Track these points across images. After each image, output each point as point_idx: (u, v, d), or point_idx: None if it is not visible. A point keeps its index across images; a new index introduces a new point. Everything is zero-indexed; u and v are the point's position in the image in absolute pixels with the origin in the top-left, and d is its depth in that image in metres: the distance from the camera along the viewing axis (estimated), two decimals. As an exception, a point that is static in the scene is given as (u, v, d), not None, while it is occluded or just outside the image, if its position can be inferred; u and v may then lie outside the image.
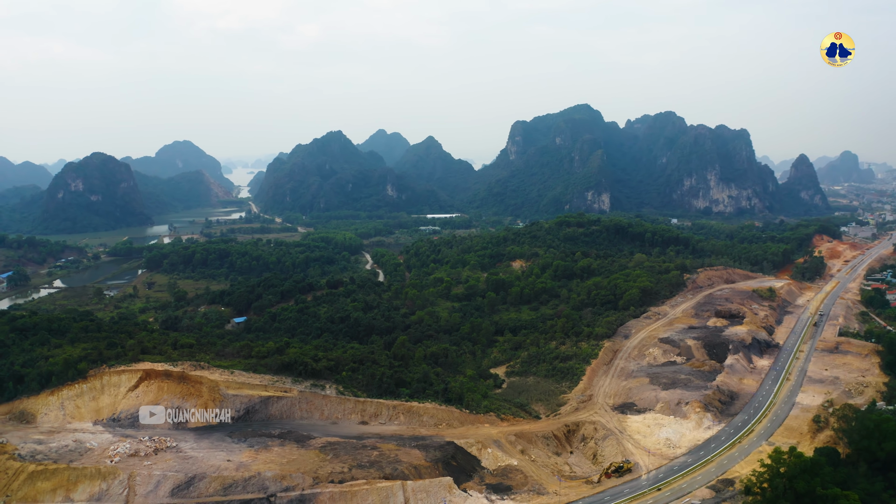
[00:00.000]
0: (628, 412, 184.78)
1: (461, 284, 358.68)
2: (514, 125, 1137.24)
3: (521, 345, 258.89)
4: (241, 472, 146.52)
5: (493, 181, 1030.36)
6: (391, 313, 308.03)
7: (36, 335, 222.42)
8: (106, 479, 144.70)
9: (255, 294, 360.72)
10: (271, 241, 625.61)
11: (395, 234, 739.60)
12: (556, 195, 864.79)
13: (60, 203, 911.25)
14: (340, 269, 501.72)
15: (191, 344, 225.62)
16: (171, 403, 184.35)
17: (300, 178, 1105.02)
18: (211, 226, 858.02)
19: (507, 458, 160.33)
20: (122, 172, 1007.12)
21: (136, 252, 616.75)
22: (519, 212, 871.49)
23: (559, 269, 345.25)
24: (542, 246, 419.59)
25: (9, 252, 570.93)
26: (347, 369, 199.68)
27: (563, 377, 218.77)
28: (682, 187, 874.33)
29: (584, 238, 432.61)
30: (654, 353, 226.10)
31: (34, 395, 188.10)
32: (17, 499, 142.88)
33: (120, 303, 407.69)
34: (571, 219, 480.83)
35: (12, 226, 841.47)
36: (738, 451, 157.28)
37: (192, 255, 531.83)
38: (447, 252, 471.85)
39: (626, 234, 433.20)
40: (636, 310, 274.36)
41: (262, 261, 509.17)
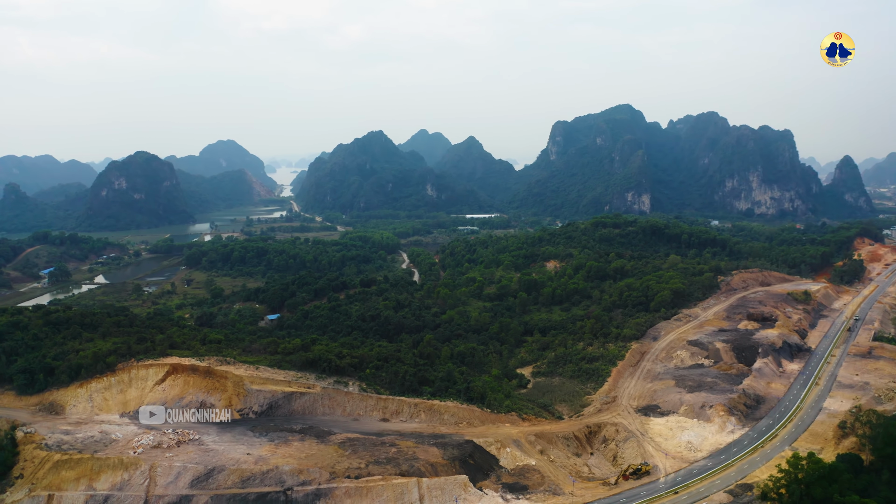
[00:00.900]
0: (651, 414, 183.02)
1: (493, 284, 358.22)
2: (554, 125, 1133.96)
3: (548, 345, 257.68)
4: (259, 465, 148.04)
5: (533, 181, 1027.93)
6: (422, 312, 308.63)
7: (68, 329, 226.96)
8: (128, 470, 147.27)
9: (289, 292, 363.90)
10: (309, 239, 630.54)
11: (433, 234, 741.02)
12: (595, 196, 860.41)
13: (104, 201, 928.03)
14: (376, 268, 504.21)
15: (219, 340, 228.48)
16: (196, 397, 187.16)
17: (341, 177, 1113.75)
18: (251, 224, 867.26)
19: (525, 458, 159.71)
20: (165, 171, 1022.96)
21: (177, 249, 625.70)
22: (558, 212, 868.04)
23: (592, 270, 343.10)
24: (577, 247, 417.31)
25: (51, 248, 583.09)
26: (371, 367, 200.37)
27: (588, 378, 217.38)
28: (723, 189, 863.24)
29: (620, 239, 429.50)
30: (681, 356, 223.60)
31: (64, 387, 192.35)
32: (41, 487, 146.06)
33: (158, 299, 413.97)
34: (607, 219, 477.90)
35: (57, 223, 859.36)
36: (760, 456, 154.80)
37: (230, 252, 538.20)
38: (482, 252, 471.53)
39: (663, 235, 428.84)
40: (667, 312, 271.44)
41: (299, 259, 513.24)
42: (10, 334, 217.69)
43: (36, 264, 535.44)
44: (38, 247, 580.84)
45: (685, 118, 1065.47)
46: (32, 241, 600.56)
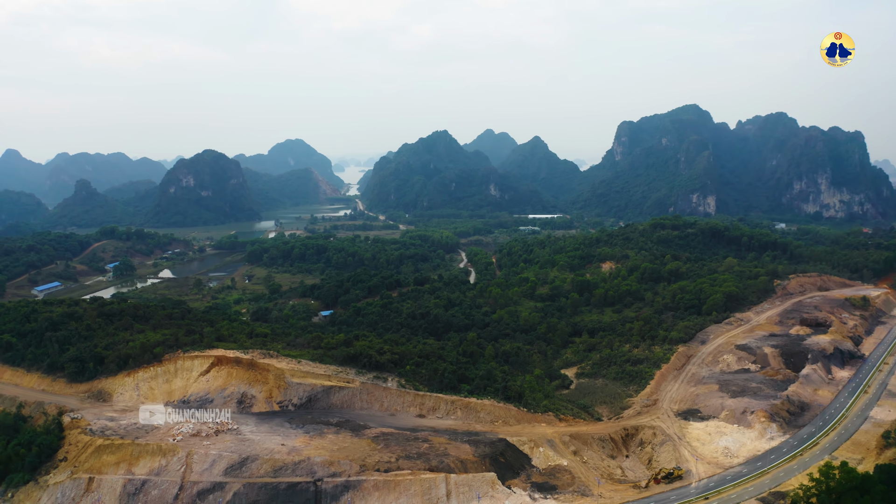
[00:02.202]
0: (691, 419, 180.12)
1: (547, 285, 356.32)
2: (620, 125, 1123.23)
3: (594, 347, 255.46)
4: (292, 456, 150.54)
5: (597, 182, 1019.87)
6: (472, 311, 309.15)
7: (121, 320, 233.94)
8: (166, 456, 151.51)
9: (344, 289, 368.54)
10: (368, 237, 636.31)
11: (494, 234, 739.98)
12: (660, 197, 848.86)
13: (172, 198, 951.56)
14: (433, 267, 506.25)
15: (265, 333, 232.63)
16: (238, 388, 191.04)
17: (405, 176, 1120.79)
18: (316, 222, 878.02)
19: (557, 458, 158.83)
20: (232, 169, 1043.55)
21: (240, 246, 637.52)
22: (622, 213, 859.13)
23: (646, 272, 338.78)
24: (635, 248, 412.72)
25: (118, 243, 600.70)
26: (412, 363, 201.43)
27: (631, 380, 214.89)
28: (791, 191, 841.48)
29: (679, 241, 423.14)
30: (728, 360, 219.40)
31: (112, 375, 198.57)
32: (83, 470, 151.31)
33: (217, 294, 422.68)
34: (666, 221, 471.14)
35: (126, 219, 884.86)
36: (798, 464, 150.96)
37: (290, 249, 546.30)
38: (539, 252, 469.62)
39: (722, 237, 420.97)
40: (719, 315, 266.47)
41: (358, 257, 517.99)
42: (65, 324, 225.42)
43: (102, 258, 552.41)
44: (104, 241, 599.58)
45: (754, 119, 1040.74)
46: (100, 235, 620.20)
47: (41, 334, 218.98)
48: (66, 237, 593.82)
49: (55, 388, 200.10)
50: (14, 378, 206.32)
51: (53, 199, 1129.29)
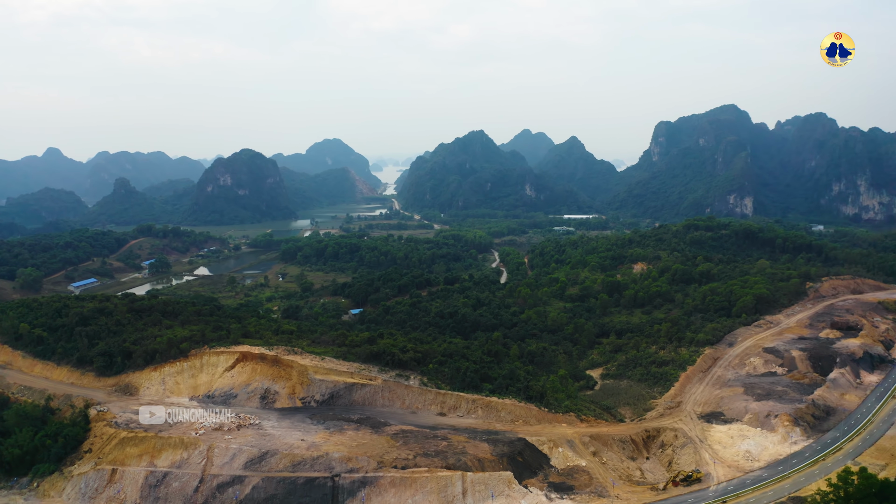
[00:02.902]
0: (714, 421, 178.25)
1: (577, 285, 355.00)
2: (657, 126, 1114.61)
3: (621, 348, 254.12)
4: (311, 451, 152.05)
5: (634, 183, 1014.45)
6: (500, 311, 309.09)
7: (150, 316, 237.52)
8: (187, 449, 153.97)
9: (374, 287, 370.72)
10: (402, 237, 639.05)
11: (528, 234, 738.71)
12: (697, 198, 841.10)
13: (209, 196, 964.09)
14: (465, 267, 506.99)
15: (291, 330, 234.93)
16: (262, 384, 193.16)
17: (440, 176, 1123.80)
18: (351, 221, 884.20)
19: (576, 459, 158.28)
20: (269, 168, 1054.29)
21: (275, 244, 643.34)
22: (658, 214, 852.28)
23: (677, 273, 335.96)
24: (667, 249, 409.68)
25: (154, 241, 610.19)
26: (435, 362, 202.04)
27: (656, 382, 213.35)
28: (829, 193, 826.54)
29: (712, 242, 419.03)
30: (754, 363, 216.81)
31: (139, 370, 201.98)
32: (106, 461, 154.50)
33: (250, 291, 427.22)
34: (700, 222, 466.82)
35: (164, 217, 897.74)
36: (820, 469, 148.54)
37: (324, 248, 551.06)
38: (571, 252, 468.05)
39: (756, 239, 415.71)
40: (748, 318, 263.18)
41: (391, 256, 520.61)
42: (95, 319, 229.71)
43: (139, 255, 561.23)
44: (141, 239, 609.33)
45: (793, 119, 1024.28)
46: (136, 233, 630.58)
47: (71, 329, 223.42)
48: (104, 234, 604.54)
49: (84, 381, 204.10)
50: (44, 371, 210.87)
51: (94, 197, 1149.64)
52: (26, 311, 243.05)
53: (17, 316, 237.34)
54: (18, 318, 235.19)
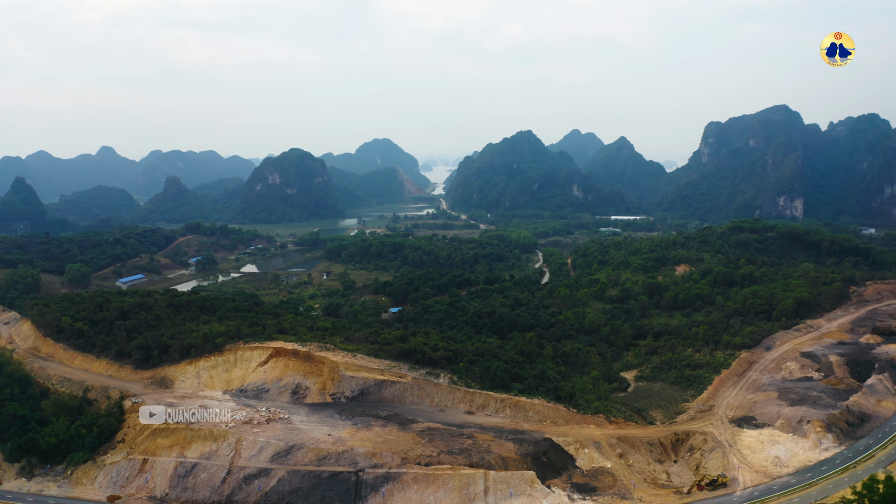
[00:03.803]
0: (745, 426, 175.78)
1: (617, 287, 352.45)
2: (707, 126, 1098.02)
3: (656, 350, 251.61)
4: (336, 446, 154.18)
5: (683, 184, 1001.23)
6: (539, 311, 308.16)
7: (188, 311, 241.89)
8: (216, 441, 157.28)
9: (414, 286, 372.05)
10: (446, 236, 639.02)
11: (574, 235, 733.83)
12: (746, 200, 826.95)
13: (258, 195, 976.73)
14: (508, 267, 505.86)
15: (326, 327, 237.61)
16: (293, 379, 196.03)
17: (488, 176, 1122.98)
18: (397, 220, 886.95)
19: (602, 460, 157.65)
20: (318, 168, 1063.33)
21: (321, 243, 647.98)
22: (707, 216, 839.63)
23: (719, 276, 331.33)
24: (711, 251, 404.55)
25: (202, 238, 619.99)
26: (465, 361, 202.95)
27: (689, 385, 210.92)
28: (882, 195, 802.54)
29: (757, 245, 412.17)
30: (790, 368, 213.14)
31: (175, 363, 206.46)
32: (138, 451, 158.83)
33: (294, 289, 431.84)
34: (746, 224, 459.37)
35: (213, 215, 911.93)
36: (850, 477, 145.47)
37: (368, 247, 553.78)
38: (614, 254, 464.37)
39: (802, 242, 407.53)
40: (788, 321, 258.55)
41: (434, 255, 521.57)
42: (135, 314, 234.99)
43: (186, 253, 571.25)
44: (189, 236, 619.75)
45: (846, 120, 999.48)
46: (185, 230, 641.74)
47: (111, 323, 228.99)
48: (152, 231, 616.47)
49: (121, 374, 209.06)
50: (84, 363, 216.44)
51: (146, 195, 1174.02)
52: (69, 305, 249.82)
53: (60, 310, 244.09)
54: (61, 311, 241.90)
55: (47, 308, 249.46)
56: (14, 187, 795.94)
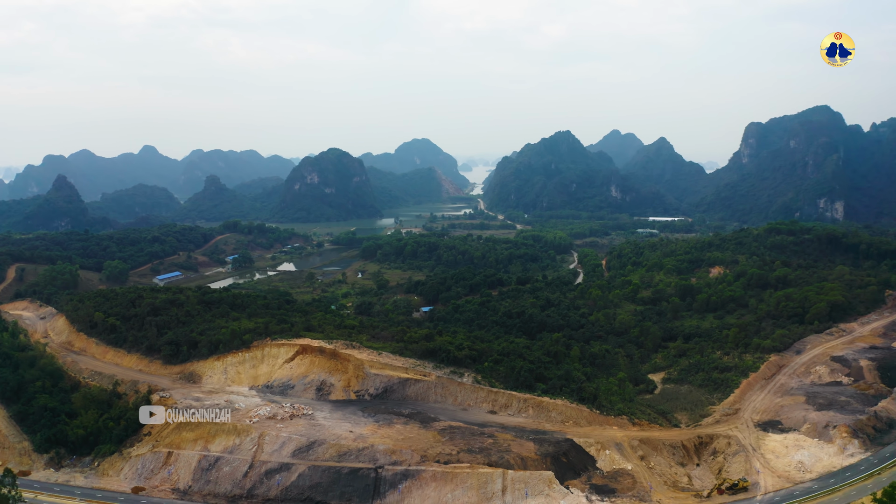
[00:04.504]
0: (770, 430, 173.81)
1: (650, 288, 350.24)
2: (747, 127, 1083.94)
3: (685, 352, 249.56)
4: (357, 442, 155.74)
5: (722, 185, 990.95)
6: (569, 312, 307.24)
7: (219, 308, 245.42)
8: (240, 436, 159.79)
9: (446, 286, 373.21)
10: (481, 237, 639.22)
11: (611, 236, 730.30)
12: (786, 202, 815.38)
13: (296, 194, 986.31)
14: (542, 268, 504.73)
15: (353, 325, 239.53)
16: (318, 376, 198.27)
17: (525, 176, 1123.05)
18: (434, 220, 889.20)
19: (623, 462, 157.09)
20: (356, 167, 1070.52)
21: (357, 242, 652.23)
22: (746, 218, 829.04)
23: (753, 278, 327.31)
24: (746, 253, 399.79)
25: (239, 237, 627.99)
26: (490, 360, 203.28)
27: (716, 388, 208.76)
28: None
29: (793, 247, 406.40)
30: (820, 372, 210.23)
31: (203, 359, 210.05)
32: (163, 444, 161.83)
33: (328, 287, 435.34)
34: (782, 226, 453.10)
35: (252, 213, 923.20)
36: (874, 484, 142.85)
37: (403, 246, 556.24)
38: (649, 255, 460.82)
39: (840, 244, 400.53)
40: (820, 325, 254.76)
41: (468, 255, 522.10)
42: (167, 310, 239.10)
43: (223, 251, 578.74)
44: (227, 235, 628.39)
45: (888, 121, 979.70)
46: (223, 229, 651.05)
47: (143, 318, 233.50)
48: (190, 229, 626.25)
49: (151, 368, 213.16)
50: (115, 358, 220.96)
51: (187, 194, 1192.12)
52: (102, 301, 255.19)
53: (94, 305, 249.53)
54: (94, 307, 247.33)
55: (81, 304, 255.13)
56: (56, 185, 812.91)
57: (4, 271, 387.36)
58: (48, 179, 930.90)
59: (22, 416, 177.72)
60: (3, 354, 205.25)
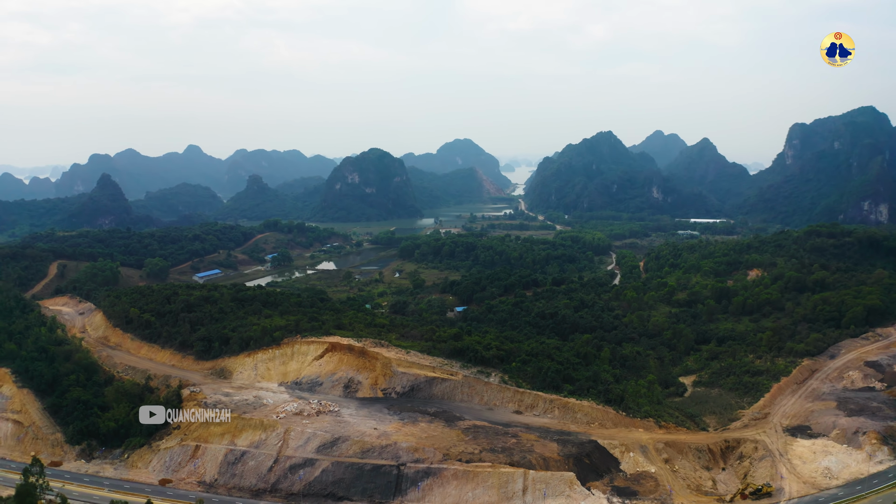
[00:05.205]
0: (799, 435, 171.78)
1: (686, 290, 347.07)
2: (791, 128, 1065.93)
3: (717, 355, 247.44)
4: (380, 440, 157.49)
5: (765, 187, 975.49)
6: (603, 314, 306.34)
7: (251, 305, 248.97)
8: (266, 431, 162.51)
9: (481, 286, 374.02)
10: (520, 237, 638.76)
11: (651, 237, 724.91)
12: (829, 204, 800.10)
13: (337, 194, 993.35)
14: (579, 269, 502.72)
15: (383, 324, 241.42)
16: (347, 374, 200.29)
17: (566, 177, 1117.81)
18: (474, 220, 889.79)
19: (647, 465, 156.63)
20: (396, 167, 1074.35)
21: (396, 242, 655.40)
22: (789, 220, 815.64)
23: (790, 281, 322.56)
24: (785, 255, 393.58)
25: (279, 235, 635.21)
26: (518, 360, 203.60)
27: (746, 392, 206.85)
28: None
29: (834, 250, 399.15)
30: (853, 377, 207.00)
31: (234, 355, 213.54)
32: (191, 438, 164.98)
33: (364, 286, 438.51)
34: (822, 228, 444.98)
35: (294, 213, 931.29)
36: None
37: (441, 246, 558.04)
38: (687, 257, 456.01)
39: (881, 247, 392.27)
40: (857, 329, 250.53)
41: (505, 256, 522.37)
42: (200, 307, 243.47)
43: (263, 249, 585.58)
44: (267, 233, 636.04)
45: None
46: (263, 228, 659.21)
47: (177, 315, 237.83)
48: (231, 228, 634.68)
49: (184, 364, 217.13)
50: (149, 353, 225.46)
51: (230, 193, 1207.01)
52: (138, 297, 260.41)
53: (130, 301, 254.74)
54: (130, 303, 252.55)
55: (118, 300, 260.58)
56: (100, 184, 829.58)
57: (46, 268, 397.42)
58: (94, 178, 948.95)
59: (56, 408, 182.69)
60: (40, 348, 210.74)
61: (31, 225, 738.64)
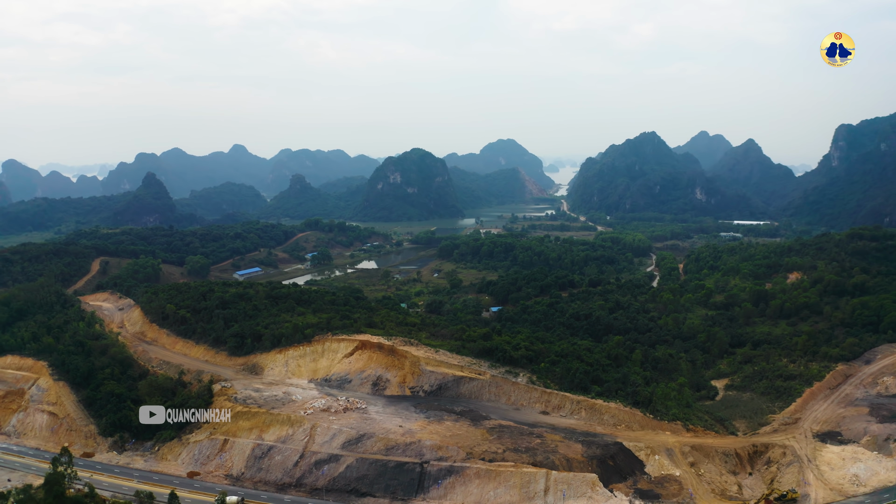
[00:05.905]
0: (829, 441, 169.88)
1: (723, 293, 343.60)
2: (838, 129, 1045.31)
3: (751, 359, 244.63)
4: (405, 437, 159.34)
5: (810, 189, 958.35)
6: (638, 316, 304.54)
7: (285, 303, 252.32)
8: (293, 426, 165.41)
9: (517, 286, 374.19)
10: (559, 238, 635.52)
11: (692, 239, 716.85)
12: (875, 206, 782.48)
13: (379, 193, 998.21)
14: (618, 270, 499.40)
15: (414, 323, 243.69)
16: (375, 372, 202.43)
17: (609, 178, 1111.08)
18: (515, 221, 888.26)
19: (672, 468, 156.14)
20: (438, 167, 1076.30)
21: (436, 241, 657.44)
22: (834, 222, 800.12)
23: (830, 285, 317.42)
24: (826, 259, 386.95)
25: (320, 234, 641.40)
26: (547, 361, 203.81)
27: (778, 396, 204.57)
28: None
29: (876, 253, 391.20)
30: (887, 383, 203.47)
31: (266, 351, 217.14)
32: (220, 432, 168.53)
33: (402, 286, 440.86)
34: (865, 232, 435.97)
35: (336, 212, 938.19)
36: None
37: (479, 246, 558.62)
38: (727, 259, 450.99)
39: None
40: (895, 334, 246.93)
41: (544, 256, 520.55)
42: (235, 304, 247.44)
43: (304, 248, 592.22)
44: (308, 232, 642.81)
45: None
46: (304, 227, 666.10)
47: (212, 311, 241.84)
48: (272, 227, 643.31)
49: (217, 359, 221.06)
50: (184, 349, 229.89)
51: (274, 192, 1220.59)
52: (175, 294, 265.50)
53: (167, 298, 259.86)
54: (167, 299, 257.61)
55: (155, 296, 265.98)
56: (145, 182, 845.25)
57: (89, 264, 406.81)
58: (140, 176, 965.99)
59: (90, 401, 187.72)
60: (77, 343, 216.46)
61: (77, 222, 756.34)
